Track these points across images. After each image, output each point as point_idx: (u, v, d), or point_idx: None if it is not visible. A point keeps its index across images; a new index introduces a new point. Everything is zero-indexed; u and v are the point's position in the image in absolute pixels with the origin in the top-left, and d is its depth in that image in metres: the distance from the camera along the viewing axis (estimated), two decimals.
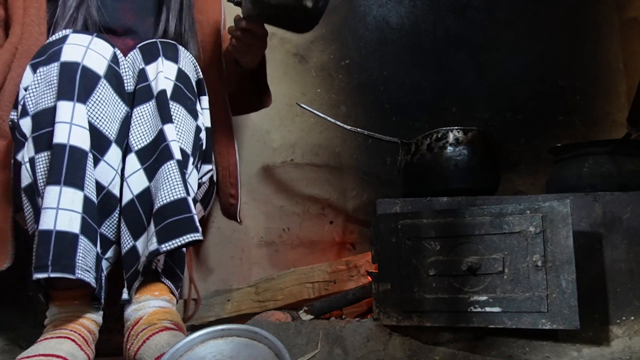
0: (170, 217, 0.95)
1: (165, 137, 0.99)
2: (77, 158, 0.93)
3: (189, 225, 0.96)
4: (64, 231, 0.90)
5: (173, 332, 0.97)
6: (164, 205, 0.96)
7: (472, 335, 1.13)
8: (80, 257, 0.91)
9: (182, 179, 0.97)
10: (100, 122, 0.98)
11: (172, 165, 0.97)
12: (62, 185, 0.91)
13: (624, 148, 1.25)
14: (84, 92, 0.95)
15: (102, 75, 0.99)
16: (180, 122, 1.04)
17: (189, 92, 1.08)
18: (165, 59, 1.05)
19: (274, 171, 1.73)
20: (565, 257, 1.01)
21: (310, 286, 1.52)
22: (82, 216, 0.92)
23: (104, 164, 0.99)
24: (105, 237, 1.02)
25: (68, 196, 0.91)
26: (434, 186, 1.32)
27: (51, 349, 0.92)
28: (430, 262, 1.11)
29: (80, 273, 0.90)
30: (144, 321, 0.99)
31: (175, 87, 1.05)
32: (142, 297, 1.02)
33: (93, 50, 0.98)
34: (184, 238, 0.94)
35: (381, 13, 1.81)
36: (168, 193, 0.96)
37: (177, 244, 0.94)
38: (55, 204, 0.90)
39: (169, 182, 0.96)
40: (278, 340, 0.83)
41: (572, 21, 1.79)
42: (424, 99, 1.79)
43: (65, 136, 0.92)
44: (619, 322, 1.11)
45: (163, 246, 0.94)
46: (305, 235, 1.73)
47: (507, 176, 1.70)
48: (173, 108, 1.04)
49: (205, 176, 1.22)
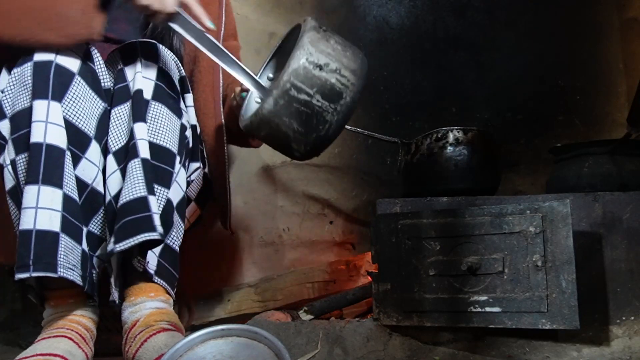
0: (127, 216, 0.94)
1: (134, 135, 0.98)
2: (54, 156, 0.93)
3: (146, 224, 0.94)
4: (44, 230, 0.90)
5: (171, 333, 0.97)
6: (123, 204, 0.95)
7: (472, 335, 1.13)
8: (62, 255, 0.91)
9: (144, 178, 0.96)
10: (78, 119, 0.98)
11: (135, 163, 0.96)
12: (40, 184, 0.90)
13: (624, 148, 1.25)
14: (58, 90, 0.95)
15: (76, 72, 0.98)
16: (162, 121, 1.03)
17: (171, 91, 1.07)
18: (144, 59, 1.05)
19: (274, 171, 1.73)
20: (565, 257, 1.01)
21: (310, 286, 1.52)
22: (62, 214, 0.92)
23: (85, 161, 0.99)
24: (94, 234, 1.02)
25: (47, 195, 0.91)
26: (434, 186, 1.32)
27: (49, 348, 0.91)
28: (430, 262, 1.11)
29: (63, 271, 0.90)
30: (140, 323, 0.99)
31: (156, 86, 1.04)
32: (138, 299, 1.02)
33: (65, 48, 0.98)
34: (138, 237, 0.93)
35: (381, 13, 1.81)
36: (128, 192, 0.95)
37: (131, 244, 0.92)
38: (34, 203, 0.90)
39: (130, 180, 0.96)
40: (278, 340, 0.83)
41: (572, 21, 1.79)
42: (424, 99, 1.79)
43: (41, 135, 0.92)
44: (619, 322, 1.11)
45: (117, 246, 0.92)
46: (305, 235, 1.73)
47: (507, 176, 1.70)
48: (154, 107, 1.03)
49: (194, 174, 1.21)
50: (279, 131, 0.95)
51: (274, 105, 0.93)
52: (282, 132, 0.95)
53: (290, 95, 0.92)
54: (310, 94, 0.93)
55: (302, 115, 0.94)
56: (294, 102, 0.93)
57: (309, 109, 0.94)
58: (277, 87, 0.92)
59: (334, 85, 0.94)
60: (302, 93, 0.93)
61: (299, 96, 0.93)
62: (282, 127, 0.95)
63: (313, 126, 0.95)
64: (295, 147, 0.98)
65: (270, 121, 0.94)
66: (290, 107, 0.93)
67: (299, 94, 0.93)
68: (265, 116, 0.94)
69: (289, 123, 0.94)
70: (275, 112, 0.93)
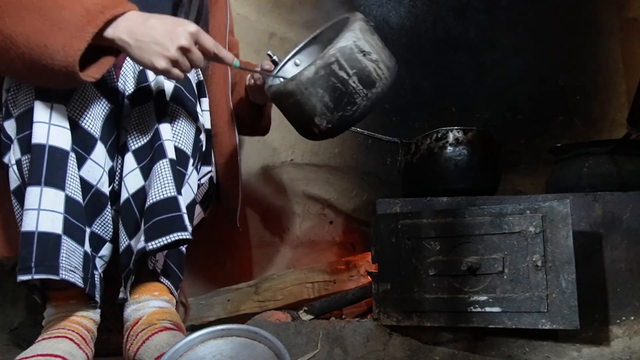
0: (159, 215, 0.95)
1: (160, 136, 0.99)
2: (57, 158, 0.93)
3: (177, 223, 0.95)
4: (47, 232, 0.90)
5: (173, 332, 0.97)
6: (153, 204, 0.95)
7: (472, 335, 1.13)
8: (64, 258, 0.91)
9: (173, 178, 0.97)
10: (84, 121, 0.98)
11: (164, 163, 0.97)
12: (42, 186, 0.90)
13: (624, 148, 1.25)
14: (63, 92, 0.95)
15: None
16: (179, 123, 1.05)
17: (189, 94, 1.09)
18: None
19: (274, 171, 1.73)
20: (565, 257, 1.01)
21: (310, 286, 1.52)
22: (64, 216, 0.92)
23: (90, 162, 0.99)
24: (97, 235, 1.02)
25: (49, 197, 0.91)
26: (434, 186, 1.32)
27: (49, 348, 0.92)
28: (430, 262, 1.11)
29: (65, 273, 0.90)
30: (143, 321, 0.99)
31: (176, 88, 1.06)
32: (142, 297, 1.02)
33: None
34: (171, 236, 0.94)
35: (381, 13, 1.81)
36: (158, 191, 0.96)
37: (164, 243, 0.94)
38: (37, 204, 0.90)
39: (160, 180, 0.96)
40: (278, 340, 0.83)
41: (572, 21, 1.79)
42: (424, 99, 1.79)
43: (44, 136, 0.92)
44: (618, 322, 1.11)
45: (149, 244, 0.93)
46: (305, 235, 1.73)
47: (507, 176, 1.70)
48: (172, 109, 1.04)
49: (204, 177, 1.22)
50: (309, 101, 0.99)
51: (314, 73, 0.97)
52: (311, 103, 0.99)
53: (331, 69, 0.97)
54: (349, 74, 0.98)
55: (336, 91, 0.98)
56: (332, 76, 0.97)
57: (344, 87, 0.98)
58: (321, 57, 0.97)
59: (371, 73, 0.99)
60: (342, 70, 0.97)
61: (339, 72, 0.97)
62: (313, 97, 0.98)
63: (342, 104, 0.99)
64: (317, 122, 1.01)
65: (305, 88, 0.98)
66: (328, 79, 0.97)
67: (340, 70, 0.97)
68: (303, 82, 0.97)
69: (322, 95, 0.98)
70: (313, 80, 0.97)
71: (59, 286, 1.00)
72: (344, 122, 1.01)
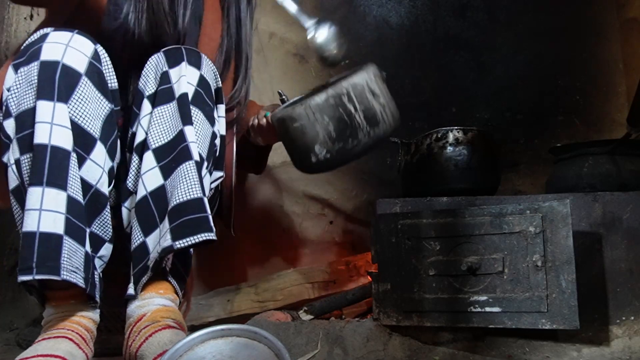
0: (186, 215, 0.96)
1: (185, 137, 1.00)
2: (59, 158, 0.92)
3: (204, 224, 0.97)
4: (48, 232, 0.90)
5: (176, 331, 0.97)
6: (180, 204, 0.96)
7: (472, 335, 1.13)
8: (66, 258, 0.91)
9: (199, 180, 0.98)
10: (84, 121, 0.98)
11: (190, 165, 0.98)
12: (44, 186, 0.90)
13: (624, 148, 1.25)
14: (64, 91, 0.95)
15: (83, 72, 0.98)
16: (198, 126, 1.05)
17: (208, 99, 1.09)
18: (188, 64, 1.06)
19: (274, 171, 1.73)
20: (565, 257, 1.01)
21: (310, 286, 1.52)
22: (66, 217, 0.92)
23: (90, 162, 0.99)
24: (96, 235, 1.02)
25: (51, 197, 0.91)
26: (434, 186, 1.32)
27: (49, 349, 0.91)
28: (430, 262, 1.11)
29: (66, 274, 0.90)
30: (147, 318, 0.99)
31: (196, 92, 1.06)
32: (147, 294, 1.02)
33: (73, 48, 0.98)
34: (198, 237, 0.95)
35: (381, 13, 1.81)
36: (185, 192, 0.97)
37: (191, 242, 0.95)
38: (39, 205, 0.90)
39: (186, 181, 0.97)
40: (278, 340, 0.83)
41: (572, 21, 1.79)
42: (424, 99, 1.79)
43: (46, 136, 0.92)
44: (618, 322, 1.11)
45: (177, 243, 0.95)
46: (305, 235, 1.73)
47: (507, 176, 1.70)
48: (193, 112, 1.04)
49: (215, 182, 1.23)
50: (313, 127, 1.02)
51: (324, 100, 1.01)
52: (314, 130, 1.02)
53: (341, 100, 1.01)
54: (356, 108, 1.02)
55: (341, 122, 1.01)
56: (340, 106, 1.01)
57: (350, 119, 1.02)
58: (334, 87, 1.01)
59: (377, 113, 1.04)
60: (351, 103, 1.02)
61: (347, 104, 1.01)
62: (319, 124, 1.02)
63: (345, 136, 1.02)
64: (317, 151, 1.03)
65: (313, 113, 1.01)
66: (336, 109, 1.01)
67: (349, 102, 1.02)
68: (311, 107, 1.01)
69: (327, 123, 1.01)
70: (322, 107, 1.01)
71: (58, 286, 0.99)
72: (343, 155, 1.04)
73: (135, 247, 1.01)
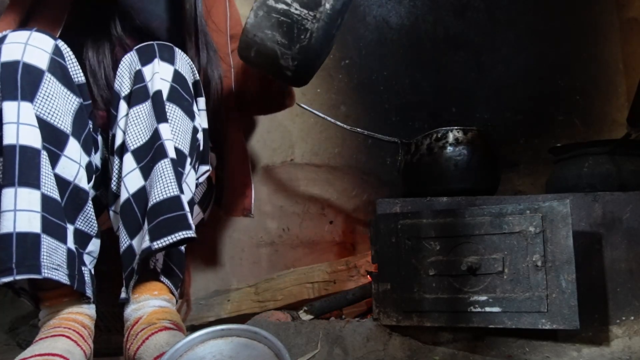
0: (163, 214, 0.95)
1: (160, 136, 0.99)
2: (28, 157, 0.92)
3: (182, 222, 0.96)
4: (25, 232, 0.89)
5: (173, 332, 0.97)
6: (156, 203, 0.96)
7: (472, 335, 1.13)
8: (45, 256, 0.90)
9: (175, 177, 0.97)
10: (53, 117, 0.97)
11: (165, 163, 0.98)
12: (16, 187, 0.90)
13: (624, 148, 1.25)
14: (28, 90, 0.94)
15: (46, 69, 0.97)
16: (176, 123, 1.05)
17: (185, 94, 1.09)
18: (161, 60, 1.06)
19: (274, 171, 1.73)
20: (565, 257, 1.01)
21: (310, 286, 1.52)
22: (42, 215, 0.91)
23: (65, 158, 0.99)
24: (82, 232, 1.02)
25: (24, 197, 0.90)
26: (434, 186, 1.32)
27: (47, 348, 0.91)
28: (430, 262, 1.11)
29: (47, 272, 0.90)
30: (143, 321, 0.99)
31: (172, 88, 1.05)
32: (142, 296, 1.02)
33: (32, 46, 0.97)
34: (175, 235, 0.94)
35: (381, 13, 1.80)
36: (161, 191, 0.96)
37: (169, 242, 0.94)
38: (12, 205, 0.89)
39: (162, 180, 0.97)
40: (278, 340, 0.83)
41: (572, 21, 1.79)
42: (424, 99, 1.78)
43: (13, 137, 0.91)
44: (618, 322, 1.11)
45: (155, 244, 0.94)
46: (305, 235, 1.73)
47: (507, 176, 1.70)
48: (169, 109, 1.04)
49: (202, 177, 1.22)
50: (265, 47, 0.97)
51: (254, 17, 0.95)
52: (268, 48, 0.97)
53: (268, 6, 0.95)
54: (287, 3, 0.94)
55: (283, 25, 0.95)
56: (272, 12, 0.95)
57: (288, 17, 0.95)
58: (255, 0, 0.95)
59: None
60: (279, 2, 0.94)
61: (276, 5, 0.95)
62: (267, 41, 0.96)
63: (294, 36, 0.96)
64: (284, 64, 0.99)
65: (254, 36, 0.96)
66: (270, 18, 0.95)
67: (277, 3, 0.94)
68: (249, 31, 0.96)
69: (272, 35, 0.96)
70: (256, 25, 0.96)
71: (47, 286, 0.99)
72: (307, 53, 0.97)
73: (123, 251, 1.01)
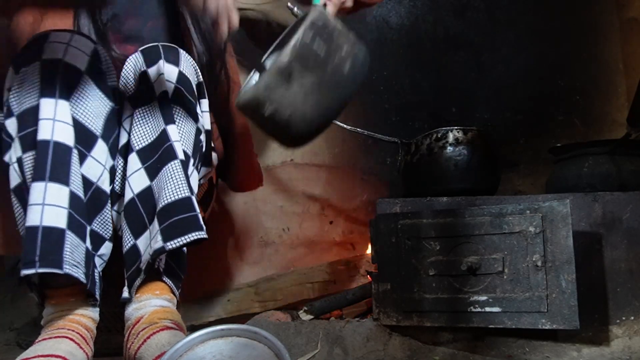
0: (175, 215, 0.96)
1: (169, 137, 1.00)
2: (61, 154, 0.93)
3: (194, 223, 0.97)
4: (51, 226, 0.90)
5: (174, 332, 0.97)
6: (168, 204, 0.97)
7: (472, 335, 1.13)
8: (68, 252, 0.91)
9: (186, 178, 0.98)
10: (85, 118, 0.99)
11: (176, 164, 0.99)
12: (47, 181, 0.91)
13: (624, 148, 1.25)
14: (66, 89, 0.96)
15: (84, 70, 0.99)
16: (180, 124, 1.05)
17: (189, 95, 1.09)
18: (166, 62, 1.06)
19: (274, 171, 1.73)
20: (565, 257, 1.01)
21: (310, 286, 1.52)
22: (68, 211, 0.92)
23: (91, 159, 1.00)
24: (97, 233, 1.03)
25: (53, 192, 0.91)
26: (434, 186, 1.32)
27: (50, 349, 0.91)
28: (430, 262, 1.11)
29: (68, 268, 0.90)
30: (144, 320, 0.99)
31: (176, 89, 1.06)
32: (143, 296, 1.02)
33: (73, 47, 0.99)
34: (189, 236, 0.95)
35: (381, 13, 1.80)
36: (172, 192, 0.97)
37: (183, 242, 0.95)
38: (41, 199, 0.90)
39: (173, 181, 0.98)
40: (278, 340, 0.83)
41: (572, 21, 1.79)
42: (424, 99, 1.79)
43: (49, 132, 0.93)
44: (618, 322, 1.11)
45: (168, 244, 0.95)
46: (305, 235, 1.73)
47: (507, 176, 1.70)
48: (174, 110, 1.05)
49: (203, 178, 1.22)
50: None
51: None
52: None
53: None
54: None
55: None
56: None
57: None
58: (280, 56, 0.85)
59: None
60: None
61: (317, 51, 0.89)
62: None
63: None
64: None
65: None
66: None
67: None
68: None
69: None
70: None
71: (58, 284, 1.00)
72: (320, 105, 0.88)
73: (126, 250, 1.01)
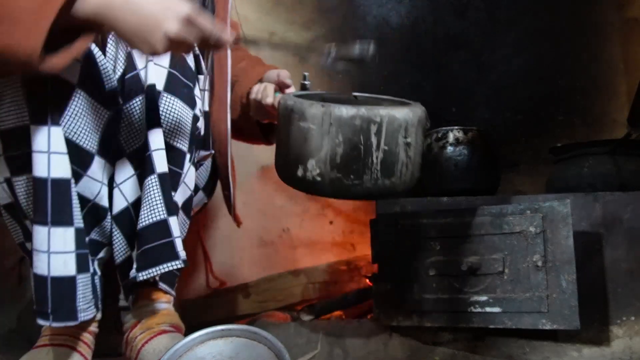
0: (149, 242, 0.90)
1: (148, 145, 0.91)
2: (62, 192, 0.85)
3: (169, 251, 0.91)
4: (60, 277, 0.85)
5: (172, 335, 0.97)
6: (142, 228, 0.91)
7: (472, 336, 1.13)
8: (81, 298, 0.87)
9: (162, 197, 0.91)
10: (80, 137, 0.89)
11: (152, 180, 0.91)
12: (50, 226, 0.84)
13: (624, 148, 1.25)
14: (57, 110, 0.85)
15: (76, 83, 0.87)
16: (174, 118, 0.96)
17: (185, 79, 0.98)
18: None
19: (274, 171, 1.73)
20: (565, 257, 1.01)
21: (310, 286, 1.52)
22: (76, 254, 0.86)
23: (87, 179, 0.92)
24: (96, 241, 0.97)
25: (58, 237, 0.84)
26: (433, 186, 1.32)
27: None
28: (430, 262, 1.10)
29: (82, 315, 0.87)
30: (141, 325, 0.99)
31: (170, 75, 0.95)
32: (139, 302, 1.02)
33: None
34: (162, 267, 0.90)
35: (381, 13, 1.80)
36: (148, 214, 0.91)
37: (154, 273, 0.90)
38: (46, 247, 0.83)
39: (148, 200, 0.91)
40: (278, 340, 0.83)
41: (572, 21, 1.79)
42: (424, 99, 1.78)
43: (44, 169, 0.83)
44: (619, 323, 1.10)
45: (140, 275, 0.90)
46: (305, 235, 1.72)
47: (507, 176, 1.70)
48: (166, 101, 0.95)
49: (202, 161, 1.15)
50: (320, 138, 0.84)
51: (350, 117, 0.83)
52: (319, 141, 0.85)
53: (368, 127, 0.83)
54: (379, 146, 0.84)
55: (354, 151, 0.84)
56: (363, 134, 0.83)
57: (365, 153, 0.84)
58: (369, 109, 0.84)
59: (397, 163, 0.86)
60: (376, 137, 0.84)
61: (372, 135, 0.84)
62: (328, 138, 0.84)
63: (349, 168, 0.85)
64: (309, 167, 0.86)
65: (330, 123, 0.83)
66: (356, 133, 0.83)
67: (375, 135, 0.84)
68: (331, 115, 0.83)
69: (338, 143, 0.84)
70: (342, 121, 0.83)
71: None
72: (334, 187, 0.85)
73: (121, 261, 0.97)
